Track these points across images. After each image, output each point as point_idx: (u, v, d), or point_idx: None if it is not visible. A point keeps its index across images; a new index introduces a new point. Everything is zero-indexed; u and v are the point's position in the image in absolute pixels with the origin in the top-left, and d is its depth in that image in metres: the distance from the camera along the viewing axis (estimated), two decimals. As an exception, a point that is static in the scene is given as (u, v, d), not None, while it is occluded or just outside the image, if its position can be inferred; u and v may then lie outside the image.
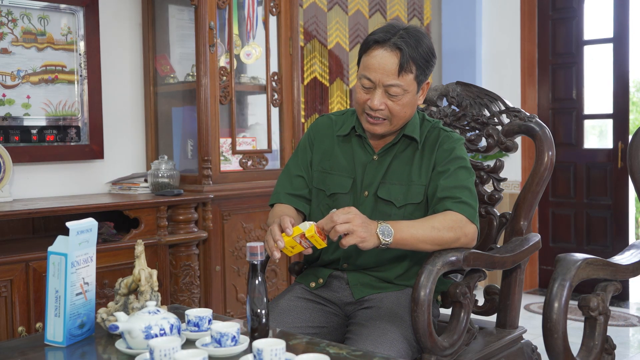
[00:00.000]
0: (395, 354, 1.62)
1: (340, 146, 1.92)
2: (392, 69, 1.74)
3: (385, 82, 1.74)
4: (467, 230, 1.72)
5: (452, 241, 1.69)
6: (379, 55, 1.75)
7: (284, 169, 1.99)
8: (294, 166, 1.96)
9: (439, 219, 1.70)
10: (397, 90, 1.75)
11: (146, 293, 1.58)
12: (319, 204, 1.91)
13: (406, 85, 1.76)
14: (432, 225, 1.68)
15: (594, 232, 4.72)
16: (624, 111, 4.58)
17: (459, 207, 1.73)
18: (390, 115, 1.78)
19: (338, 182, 1.88)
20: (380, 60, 1.75)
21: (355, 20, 4.36)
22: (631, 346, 3.67)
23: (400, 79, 1.75)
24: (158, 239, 2.70)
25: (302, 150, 1.97)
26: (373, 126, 1.81)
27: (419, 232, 1.66)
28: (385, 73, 1.74)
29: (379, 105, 1.76)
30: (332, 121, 1.97)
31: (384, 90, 1.76)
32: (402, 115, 1.79)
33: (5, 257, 2.31)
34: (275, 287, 3.15)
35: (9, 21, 2.78)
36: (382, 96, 1.76)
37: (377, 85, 1.76)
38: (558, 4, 4.82)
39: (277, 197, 1.93)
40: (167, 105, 3.27)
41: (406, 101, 1.78)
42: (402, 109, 1.78)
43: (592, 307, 1.78)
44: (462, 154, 1.84)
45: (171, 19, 3.28)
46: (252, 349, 1.28)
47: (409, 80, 1.76)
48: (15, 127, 2.79)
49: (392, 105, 1.77)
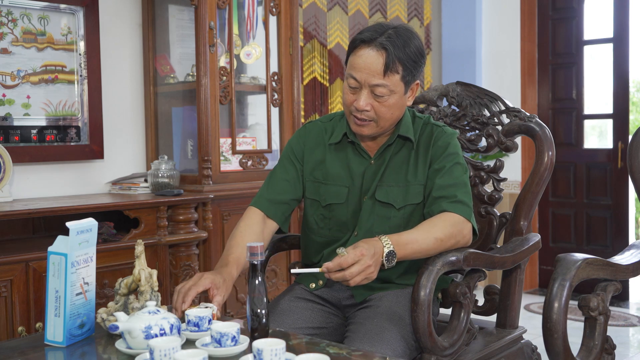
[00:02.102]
0: (392, 352, 1.61)
1: (333, 155, 1.89)
2: (377, 69, 1.72)
3: (371, 82, 1.72)
4: (464, 231, 1.73)
5: (451, 246, 1.71)
6: (364, 54, 1.73)
7: (270, 173, 1.94)
8: (280, 170, 1.92)
9: (440, 228, 1.69)
10: (382, 91, 1.73)
11: (146, 293, 1.58)
12: (313, 214, 1.89)
13: (392, 85, 1.73)
14: (435, 237, 1.67)
15: (594, 232, 4.72)
16: (624, 111, 4.58)
17: (454, 207, 1.73)
18: (376, 116, 1.76)
19: (333, 192, 1.86)
20: (365, 60, 1.72)
21: (356, 20, 4.36)
22: (631, 346, 3.67)
23: (386, 79, 1.72)
24: (158, 239, 2.70)
25: (290, 157, 1.92)
26: (360, 127, 1.79)
27: (422, 246, 1.66)
28: (370, 73, 1.72)
29: (365, 106, 1.73)
30: (321, 128, 1.93)
31: (370, 91, 1.73)
32: (388, 117, 1.77)
33: (5, 257, 2.31)
34: (275, 287, 3.15)
35: (9, 21, 2.78)
36: (368, 96, 1.74)
37: (362, 86, 1.74)
38: (558, 4, 4.82)
39: (258, 200, 1.88)
40: (167, 105, 3.27)
41: (392, 102, 1.75)
42: (388, 110, 1.76)
43: (592, 307, 1.78)
44: (457, 149, 1.84)
45: (171, 19, 3.28)
46: (252, 349, 1.28)
47: (395, 80, 1.73)
48: (15, 127, 2.79)
49: (378, 107, 1.74)
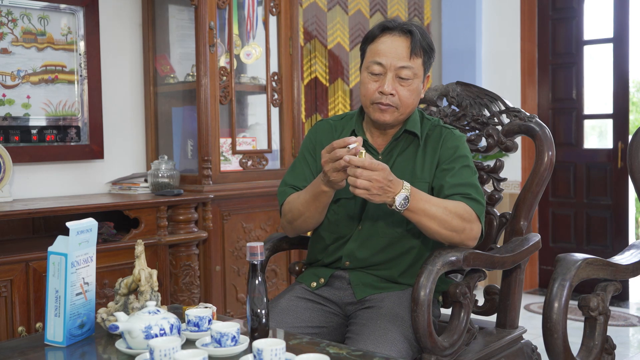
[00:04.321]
0: (396, 353, 1.62)
1: None
2: (403, 52, 1.78)
3: (397, 65, 1.77)
4: (473, 226, 1.73)
5: (458, 229, 1.69)
6: (389, 40, 1.79)
7: (289, 168, 1.98)
8: (300, 163, 1.95)
9: (453, 204, 1.71)
10: (408, 73, 1.78)
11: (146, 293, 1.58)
12: None
13: (416, 68, 1.80)
14: (446, 206, 1.69)
15: (594, 232, 4.72)
16: (624, 111, 4.58)
17: (470, 203, 1.74)
18: (399, 102, 1.79)
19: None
20: (391, 45, 1.78)
21: (356, 20, 4.36)
22: (631, 346, 3.67)
23: (412, 61, 1.79)
24: (158, 239, 2.70)
25: (304, 154, 1.96)
26: (383, 113, 1.81)
27: (432, 209, 1.67)
28: (397, 56, 1.78)
29: (390, 90, 1.78)
30: (331, 126, 1.97)
31: (395, 75, 1.78)
32: (410, 102, 1.81)
33: (5, 257, 2.31)
34: (275, 287, 3.15)
35: (9, 21, 2.78)
36: (392, 81, 1.78)
37: (387, 70, 1.78)
38: (558, 4, 4.82)
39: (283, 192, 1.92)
40: (167, 105, 3.27)
41: (414, 87, 1.81)
42: (410, 95, 1.80)
43: (592, 307, 1.78)
44: (466, 152, 1.85)
45: (171, 19, 3.28)
46: (252, 349, 1.28)
47: (418, 64, 1.80)
48: (15, 127, 2.79)
49: (402, 90, 1.79)
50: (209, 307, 1.58)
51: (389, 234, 1.82)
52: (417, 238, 1.83)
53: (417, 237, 1.83)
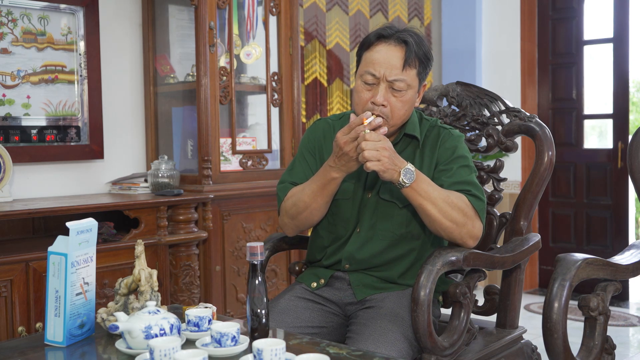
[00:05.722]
0: (396, 354, 1.62)
1: None
2: (397, 63, 1.74)
3: (390, 77, 1.74)
4: (475, 223, 1.73)
5: (458, 222, 1.69)
6: (383, 49, 1.76)
7: (287, 167, 1.97)
8: (299, 161, 1.94)
9: (455, 195, 1.71)
10: (401, 85, 1.75)
11: (146, 293, 1.58)
12: None
13: (410, 80, 1.76)
14: (448, 196, 1.69)
15: (594, 232, 4.72)
16: (624, 111, 4.58)
17: (470, 199, 1.74)
18: (389, 114, 1.76)
19: (340, 187, 1.86)
20: (385, 55, 1.75)
21: (356, 21, 4.36)
22: (631, 346, 3.67)
23: (404, 73, 1.75)
24: (158, 239, 2.70)
25: (303, 152, 1.95)
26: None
27: (435, 193, 1.67)
28: (390, 67, 1.74)
29: (382, 101, 1.75)
30: (329, 125, 1.96)
31: (388, 86, 1.75)
32: (401, 114, 1.78)
33: (5, 257, 2.31)
34: (275, 287, 3.15)
35: (9, 21, 2.78)
36: (385, 91, 1.75)
37: (380, 80, 1.75)
38: (558, 4, 4.82)
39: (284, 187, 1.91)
40: (167, 105, 3.27)
41: (408, 98, 1.77)
42: (402, 107, 1.77)
43: (592, 307, 1.78)
44: (465, 152, 1.84)
45: (171, 19, 3.29)
46: (252, 349, 1.28)
47: (412, 75, 1.77)
48: (15, 127, 2.79)
49: (394, 102, 1.76)
50: (209, 307, 1.58)
51: (389, 236, 1.82)
52: (417, 240, 1.83)
53: (417, 238, 1.83)
